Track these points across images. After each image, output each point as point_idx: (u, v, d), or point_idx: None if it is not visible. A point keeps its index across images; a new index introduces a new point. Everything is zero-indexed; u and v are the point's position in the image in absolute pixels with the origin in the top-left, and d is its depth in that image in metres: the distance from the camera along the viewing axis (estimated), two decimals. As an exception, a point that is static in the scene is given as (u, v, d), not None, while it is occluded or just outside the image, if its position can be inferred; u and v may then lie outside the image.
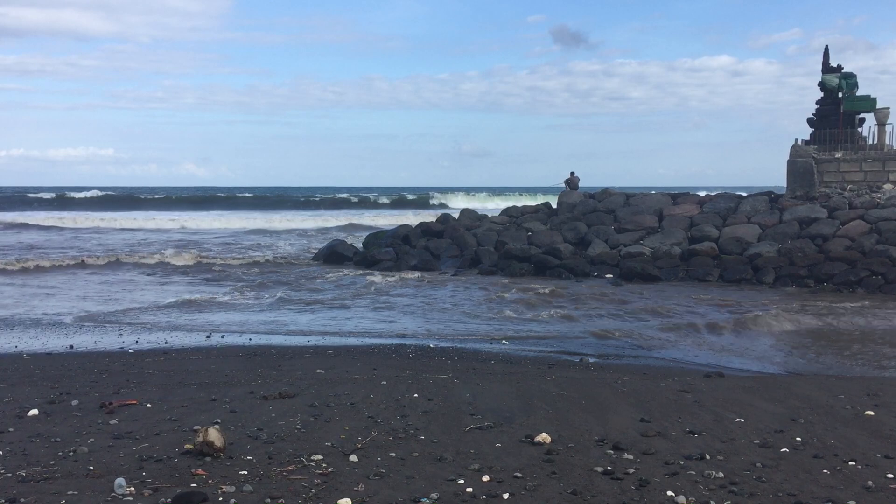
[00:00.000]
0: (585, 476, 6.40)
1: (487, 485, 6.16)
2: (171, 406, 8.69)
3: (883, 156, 29.00)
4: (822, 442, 7.49)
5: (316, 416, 8.17)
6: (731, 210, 28.49)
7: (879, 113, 30.28)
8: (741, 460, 6.87)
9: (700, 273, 24.63)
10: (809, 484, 6.26)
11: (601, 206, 30.80)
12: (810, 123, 31.87)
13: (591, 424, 8.06)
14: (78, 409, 8.57)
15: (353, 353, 13.14)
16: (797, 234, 25.89)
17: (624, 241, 27.55)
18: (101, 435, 7.44)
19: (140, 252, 33.24)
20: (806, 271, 23.64)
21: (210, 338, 14.67)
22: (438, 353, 13.20)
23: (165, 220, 56.15)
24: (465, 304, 19.62)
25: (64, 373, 10.90)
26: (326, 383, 10.04)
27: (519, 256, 27.05)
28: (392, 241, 31.96)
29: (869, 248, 23.99)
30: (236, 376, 10.64)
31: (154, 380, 10.39)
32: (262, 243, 40.21)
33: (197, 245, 37.92)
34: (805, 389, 10.05)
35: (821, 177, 29.24)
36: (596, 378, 10.92)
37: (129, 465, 6.47)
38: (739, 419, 8.34)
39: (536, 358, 13.14)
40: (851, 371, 12.51)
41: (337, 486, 6.04)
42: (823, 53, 32.13)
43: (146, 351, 13.20)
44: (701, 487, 6.15)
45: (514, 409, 8.66)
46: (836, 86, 31.16)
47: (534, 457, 6.90)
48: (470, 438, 7.48)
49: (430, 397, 9.19)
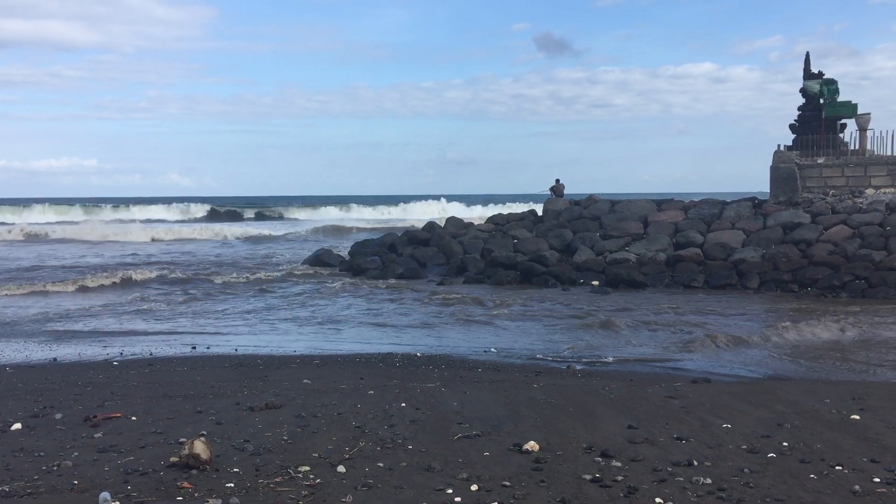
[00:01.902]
0: (574, 484, 6.39)
1: (476, 494, 6.14)
2: (156, 418, 8.61)
3: (864, 161, 29.25)
4: (809, 447, 7.52)
5: (303, 427, 8.12)
6: (715, 216, 28.64)
7: (861, 118, 30.55)
8: (729, 466, 6.88)
9: (685, 279, 24.73)
10: (797, 489, 6.28)
11: (586, 213, 30.89)
12: (792, 129, 32.11)
13: (579, 432, 8.06)
14: (62, 422, 8.48)
15: (340, 362, 13.09)
16: (781, 239, 26.05)
17: (609, 248, 27.62)
18: (86, 448, 7.37)
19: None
20: (790, 276, 23.78)
21: (195, 349, 14.58)
22: (425, 362, 13.17)
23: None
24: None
25: (47, 386, 10.79)
26: (313, 393, 9.99)
27: (505, 264, 27.07)
28: (378, 249, 31.94)
29: (852, 252, 24.17)
30: (222, 387, 10.57)
31: (139, 392, 10.30)
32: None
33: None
34: (791, 394, 10.09)
35: (803, 182, 29.46)
36: (583, 385, 10.93)
37: (114, 479, 6.41)
38: (726, 425, 8.36)
39: (524, 365, 13.13)
40: (837, 375, 12.58)
41: (324, 498, 6.00)
42: (805, 60, 32.40)
43: (131, 362, 13.09)
44: (689, 494, 6.16)
45: (501, 418, 8.64)
46: (817, 92, 31.43)
47: (522, 465, 6.88)
48: (458, 447, 7.46)
49: (418, 406, 9.16)
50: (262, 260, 35.89)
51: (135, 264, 32.69)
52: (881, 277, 22.53)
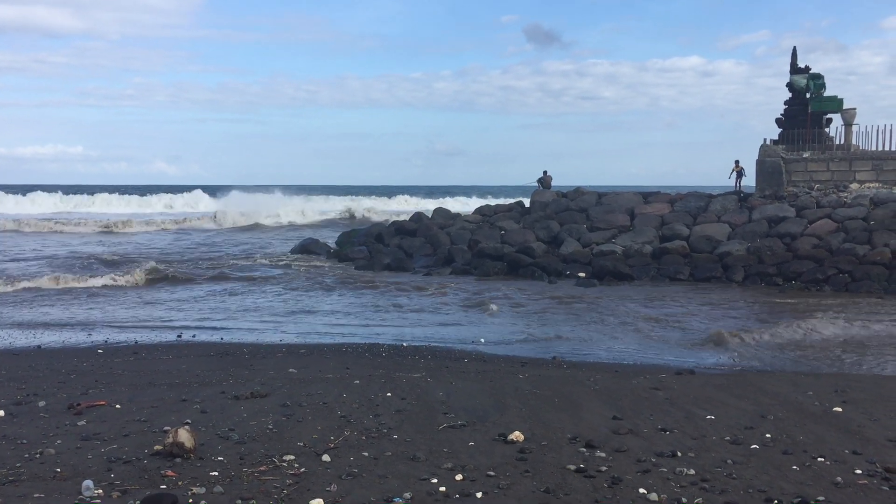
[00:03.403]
0: (558, 474, 6.41)
1: (460, 483, 6.15)
2: (140, 407, 8.57)
3: (849, 156, 29.43)
4: (792, 438, 7.57)
5: (288, 416, 8.11)
6: (701, 209, 28.75)
7: (846, 113, 30.73)
8: (712, 457, 6.92)
9: (671, 271, 24.82)
10: (779, 480, 6.32)
11: (574, 205, 30.92)
12: (779, 124, 32.25)
13: (564, 422, 8.08)
14: (45, 410, 8.43)
15: (326, 352, 13.07)
16: (766, 232, 26.19)
17: (596, 240, 27.68)
18: (69, 436, 7.32)
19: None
20: (774, 269, 23.91)
21: (181, 336, 14.52)
22: (412, 352, 13.17)
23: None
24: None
25: (31, 373, 10.72)
26: (299, 382, 9.97)
27: (492, 255, 27.07)
28: (365, 239, 31.87)
29: (836, 246, 24.33)
30: (207, 376, 10.53)
31: (123, 380, 10.24)
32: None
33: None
34: (775, 386, 10.16)
35: (789, 176, 29.62)
36: (568, 376, 10.96)
37: (97, 467, 6.37)
38: (710, 416, 8.41)
39: (509, 356, 13.15)
40: (819, 369, 12.67)
41: (309, 487, 6.00)
42: (792, 54, 32.53)
43: (115, 350, 13.01)
44: (672, 484, 6.19)
45: (487, 408, 8.66)
46: (803, 87, 31.57)
47: (507, 455, 6.90)
48: (443, 437, 7.46)
49: (404, 396, 9.16)
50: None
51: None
52: (864, 271, 22.70)
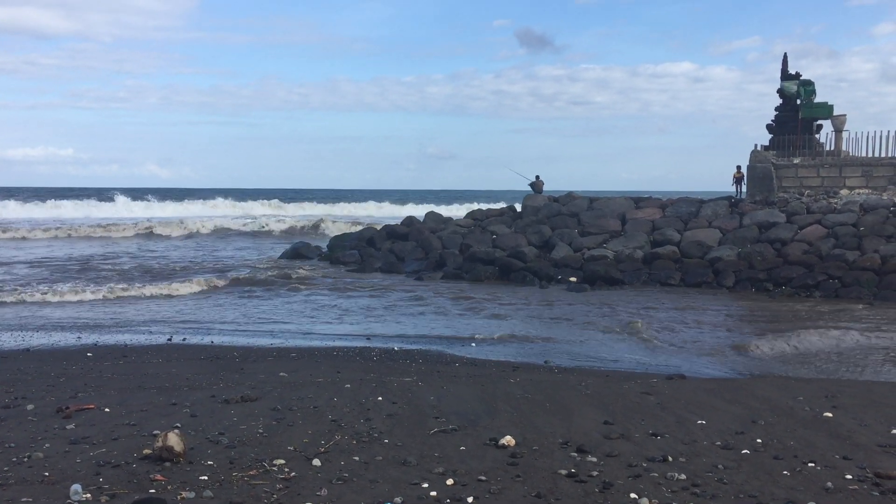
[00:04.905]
0: (549, 479, 6.40)
1: (451, 488, 6.13)
2: (129, 410, 8.52)
3: (840, 162, 29.61)
4: (782, 443, 7.58)
5: (279, 420, 8.07)
6: (692, 214, 28.85)
7: (836, 120, 30.91)
8: (703, 462, 6.92)
9: (662, 276, 24.88)
10: (770, 485, 6.33)
11: (565, 210, 30.97)
12: (769, 129, 32.43)
13: (556, 427, 8.07)
14: (33, 413, 8.37)
15: (317, 355, 13.04)
16: (756, 238, 26.29)
17: (587, 245, 27.73)
18: (58, 440, 7.27)
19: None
20: (765, 275, 23.99)
21: (171, 340, 14.46)
22: (403, 356, 13.14)
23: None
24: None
25: (19, 376, 10.65)
26: (290, 386, 9.93)
27: (484, 259, 27.09)
28: (357, 243, 31.84)
29: (826, 252, 24.44)
30: (197, 380, 10.48)
31: (113, 383, 10.19)
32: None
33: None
34: (765, 391, 10.18)
35: (779, 182, 29.77)
36: (560, 380, 10.96)
37: (85, 471, 6.32)
38: (701, 421, 8.42)
39: (501, 361, 13.15)
40: (810, 374, 12.70)
41: (299, 491, 5.96)
42: (782, 61, 32.76)
43: (105, 353, 12.94)
44: (664, 489, 6.19)
45: (478, 412, 8.64)
46: (794, 93, 31.76)
47: (498, 460, 6.88)
48: (434, 442, 7.44)
49: (395, 400, 9.13)
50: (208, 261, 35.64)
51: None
52: (854, 277, 22.80)
